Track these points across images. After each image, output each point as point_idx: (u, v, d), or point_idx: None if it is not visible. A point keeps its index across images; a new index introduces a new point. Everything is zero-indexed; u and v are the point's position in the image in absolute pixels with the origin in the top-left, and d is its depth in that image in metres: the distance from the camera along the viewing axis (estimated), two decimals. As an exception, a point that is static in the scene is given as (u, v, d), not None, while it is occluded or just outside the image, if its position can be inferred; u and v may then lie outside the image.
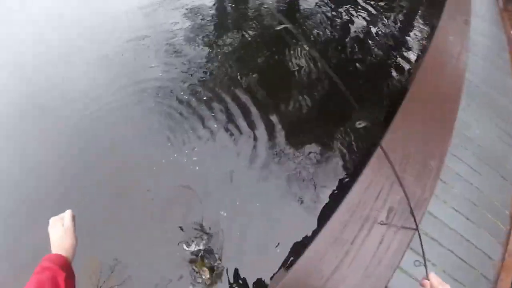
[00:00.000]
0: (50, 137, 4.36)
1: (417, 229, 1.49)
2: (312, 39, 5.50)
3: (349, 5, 6.06)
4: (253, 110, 4.38)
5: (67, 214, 1.20)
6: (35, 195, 3.78)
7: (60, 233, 1.14)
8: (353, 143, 4.06)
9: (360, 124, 2.84)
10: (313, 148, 4.01)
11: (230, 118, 4.30)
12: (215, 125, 4.23)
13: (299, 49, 5.28)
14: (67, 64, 5.36)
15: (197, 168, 3.86)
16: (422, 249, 1.34)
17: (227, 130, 4.18)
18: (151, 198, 3.74)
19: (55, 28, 6.08)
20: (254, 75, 4.91)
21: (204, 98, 4.58)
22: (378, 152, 2.22)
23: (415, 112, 2.63)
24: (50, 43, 5.76)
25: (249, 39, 5.63)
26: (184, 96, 4.68)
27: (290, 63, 5.11)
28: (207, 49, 5.47)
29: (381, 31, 5.58)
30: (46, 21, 6.26)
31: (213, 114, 4.36)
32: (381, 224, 1.79)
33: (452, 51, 3.17)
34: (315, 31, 5.65)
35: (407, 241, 1.82)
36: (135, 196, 3.78)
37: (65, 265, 1.04)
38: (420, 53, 4.98)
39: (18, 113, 4.70)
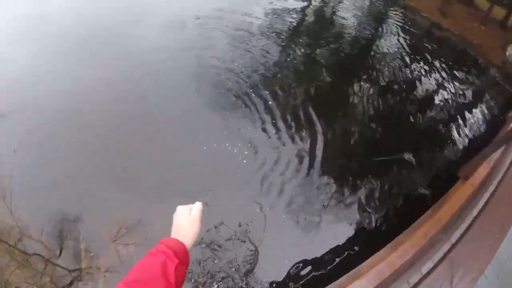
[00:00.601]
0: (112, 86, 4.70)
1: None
2: (380, 81, 5.71)
3: (423, 61, 6.25)
4: (308, 126, 4.65)
5: (197, 205, 1.22)
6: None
7: (186, 221, 1.17)
8: (390, 192, 4.29)
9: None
10: (349, 185, 4.24)
11: (288, 127, 4.57)
12: (273, 131, 4.50)
13: (362, 85, 5.50)
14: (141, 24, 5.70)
15: (244, 161, 4.14)
16: None
17: (281, 137, 4.45)
18: (191, 174, 4.00)
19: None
20: (314, 92, 5.16)
21: (270, 102, 4.82)
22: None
23: (485, 227, 2.97)
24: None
25: (319, 56, 5.84)
26: (250, 90, 4.91)
27: (350, 94, 5.34)
28: (277, 51, 5.71)
29: (448, 97, 5.77)
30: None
31: (274, 120, 4.61)
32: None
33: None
34: (384, 75, 5.85)
35: None
36: (177, 167, 4.03)
37: (181, 252, 1.05)
38: (476, 136, 5.23)
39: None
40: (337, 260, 3.61)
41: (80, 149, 4.16)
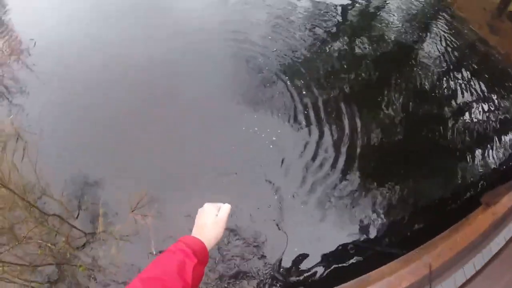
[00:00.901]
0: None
1: None
2: (417, 88, 5.73)
3: (463, 74, 6.21)
4: (341, 123, 4.72)
5: (226, 207, 1.22)
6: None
7: (211, 221, 1.17)
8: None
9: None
10: (373, 189, 4.31)
11: (320, 120, 4.66)
12: (304, 121, 4.60)
13: (400, 89, 5.54)
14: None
15: (271, 146, 4.30)
16: None
17: (313, 130, 4.56)
18: (215, 152, 4.21)
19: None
20: (352, 89, 5.20)
21: (304, 92, 4.90)
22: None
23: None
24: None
25: (360, 53, 5.85)
26: (286, 77, 5.00)
27: (387, 96, 5.35)
28: (318, 41, 5.76)
29: (481, 117, 5.64)
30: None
31: (306, 109, 4.71)
32: None
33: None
34: (422, 82, 5.86)
35: None
36: (202, 145, 4.23)
37: (201, 251, 1.05)
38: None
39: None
40: (347, 262, 3.75)
41: (111, 115, 4.38)
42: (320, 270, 3.66)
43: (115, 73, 4.67)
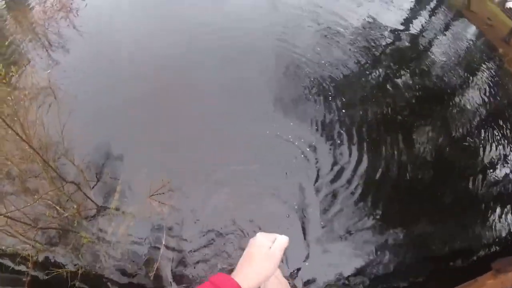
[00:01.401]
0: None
1: None
2: (451, 133, 5.81)
3: (499, 129, 6.23)
4: (374, 150, 4.76)
5: (283, 239, 1.02)
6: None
7: (262, 253, 0.99)
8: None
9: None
10: (390, 224, 4.33)
11: (355, 142, 4.72)
12: (339, 140, 4.65)
13: (435, 130, 5.61)
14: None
15: (302, 156, 4.33)
16: None
17: (347, 150, 4.61)
18: (244, 151, 4.26)
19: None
20: (389, 117, 5.26)
21: (343, 111, 4.95)
22: None
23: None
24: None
25: (401, 84, 5.88)
26: (329, 92, 5.06)
27: (422, 133, 5.40)
28: (363, 63, 5.83)
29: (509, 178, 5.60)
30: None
31: (343, 128, 4.78)
32: None
33: None
34: (457, 128, 5.94)
35: None
36: (234, 143, 4.30)
37: None
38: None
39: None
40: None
41: (146, 99, 4.42)
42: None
43: (163, 49, 4.72)
